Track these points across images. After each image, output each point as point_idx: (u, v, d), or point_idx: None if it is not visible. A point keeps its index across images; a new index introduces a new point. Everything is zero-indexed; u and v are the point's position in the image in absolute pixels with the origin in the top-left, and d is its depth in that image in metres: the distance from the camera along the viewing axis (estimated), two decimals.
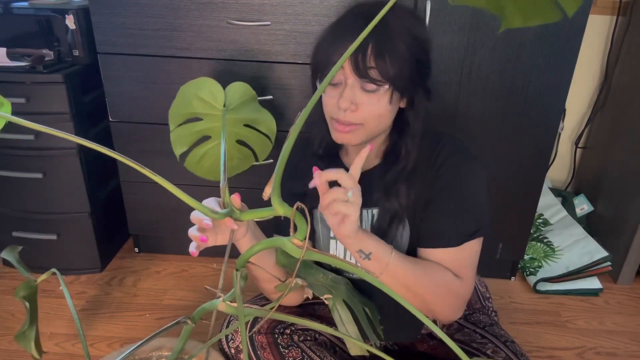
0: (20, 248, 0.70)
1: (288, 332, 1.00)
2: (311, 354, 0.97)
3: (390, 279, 0.81)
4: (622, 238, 1.70)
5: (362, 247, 0.78)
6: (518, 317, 1.58)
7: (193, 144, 1.09)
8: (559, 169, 2.10)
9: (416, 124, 0.87)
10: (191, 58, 1.45)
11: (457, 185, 0.88)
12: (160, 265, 1.78)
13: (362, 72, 0.78)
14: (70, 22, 1.46)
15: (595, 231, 1.83)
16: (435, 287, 0.85)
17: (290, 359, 0.96)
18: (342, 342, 1.07)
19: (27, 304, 0.65)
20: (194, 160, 1.04)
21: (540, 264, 1.73)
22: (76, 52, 1.50)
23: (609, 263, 1.67)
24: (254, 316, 0.68)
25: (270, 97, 1.46)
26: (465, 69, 1.40)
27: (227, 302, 0.67)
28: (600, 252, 1.68)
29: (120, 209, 1.70)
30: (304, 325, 1.01)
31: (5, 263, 1.74)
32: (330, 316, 0.81)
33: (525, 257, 1.76)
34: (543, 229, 1.85)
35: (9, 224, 1.63)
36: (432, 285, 0.84)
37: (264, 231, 0.91)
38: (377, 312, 0.88)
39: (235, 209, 0.67)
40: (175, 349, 0.69)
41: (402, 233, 0.92)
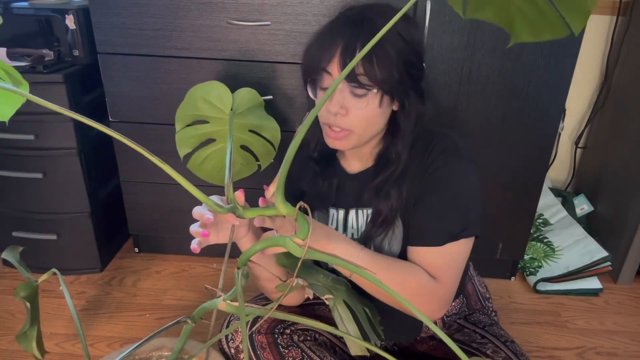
0: (21, 249, 0.70)
1: (288, 332, 1.00)
2: (311, 354, 0.97)
3: (359, 279, 0.82)
4: (622, 238, 1.70)
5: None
6: (518, 317, 1.58)
7: (197, 145, 1.10)
8: (559, 169, 2.10)
9: (407, 127, 0.87)
10: (191, 58, 1.45)
11: (444, 184, 0.87)
12: (160, 265, 1.78)
13: (351, 77, 0.79)
14: (70, 22, 1.46)
15: (595, 231, 1.83)
16: (408, 287, 0.83)
17: (290, 359, 0.96)
18: (342, 343, 1.07)
19: (28, 304, 0.65)
20: (197, 162, 1.05)
21: (540, 264, 1.73)
22: (76, 52, 1.50)
23: (609, 263, 1.67)
24: (255, 316, 0.68)
25: (270, 97, 1.46)
26: (465, 69, 1.40)
27: (227, 301, 0.67)
28: (600, 252, 1.68)
29: (120, 209, 1.70)
30: (305, 324, 1.01)
31: (6, 263, 1.74)
32: (331, 316, 0.81)
33: (525, 257, 1.76)
34: (543, 229, 1.85)
35: (9, 224, 1.63)
36: (405, 285, 0.83)
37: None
38: (377, 312, 0.88)
39: (239, 205, 0.67)
40: (175, 348, 0.69)
41: (395, 233, 0.92)
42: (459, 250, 0.86)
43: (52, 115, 1.46)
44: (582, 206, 1.93)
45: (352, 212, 0.97)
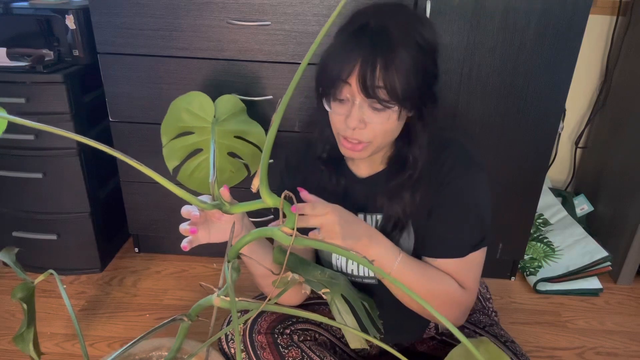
0: (17, 250, 0.70)
1: (288, 332, 1.00)
2: (311, 354, 0.97)
3: (390, 283, 0.82)
4: (622, 238, 1.70)
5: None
6: (518, 317, 1.58)
7: (185, 157, 1.11)
8: (559, 169, 2.10)
9: (424, 134, 0.86)
10: (191, 58, 1.45)
11: (463, 196, 0.88)
12: (160, 265, 1.78)
13: (370, 93, 0.77)
14: (70, 22, 1.46)
15: (595, 231, 1.83)
16: (438, 296, 0.85)
17: (290, 359, 0.96)
18: (343, 343, 1.07)
19: (25, 305, 0.65)
20: (186, 174, 1.06)
21: (540, 264, 1.73)
22: (76, 52, 1.50)
23: (609, 263, 1.67)
24: (253, 315, 0.68)
25: (270, 97, 1.46)
26: (465, 69, 1.40)
27: (221, 296, 0.67)
28: (600, 252, 1.68)
29: (120, 209, 1.70)
30: (305, 320, 1.01)
31: (5, 263, 1.74)
32: (331, 316, 0.81)
33: (525, 257, 1.76)
34: (543, 229, 1.85)
35: (9, 224, 1.63)
36: (435, 293, 0.85)
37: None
38: (380, 313, 0.88)
39: (225, 201, 0.68)
40: (173, 347, 0.69)
41: (406, 240, 0.92)
42: (478, 258, 0.89)
43: (52, 115, 1.46)
44: (582, 206, 1.93)
45: (361, 216, 0.96)
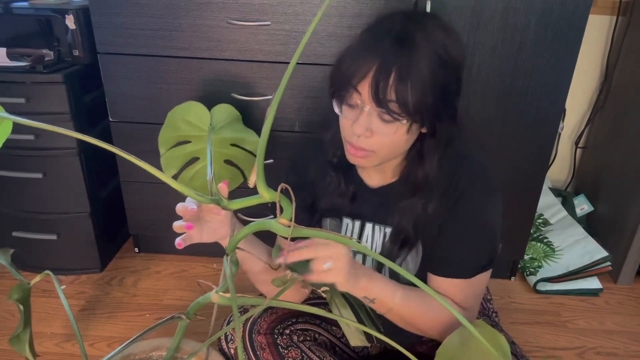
0: (12, 250, 0.70)
1: (287, 332, 1.00)
2: (311, 355, 0.97)
3: (393, 316, 0.83)
4: (622, 238, 1.70)
5: (366, 294, 0.78)
6: (518, 317, 1.58)
7: (183, 165, 1.12)
8: (559, 169, 2.10)
9: (436, 152, 0.83)
10: (191, 58, 1.45)
11: (479, 217, 0.86)
12: (160, 265, 1.78)
13: (381, 103, 0.73)
14: (70, 22, 1.46)
15: (595, 231, 1.83)
16: (440, 323, 0.84)
17: (289, 359, 0.96)
18: (342, 342, 1.07)
19: (21, 306, 0.65)
20: (184, 182, 1.07)
21: (540, 264, 1.73)
22: (76, 52, 1.50)
23: (609, 263, 1.67)
24: (255, 312, 0.68)
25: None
26: (465, 69, 1.40)
27: (220, 293, 0.67)
28: (600, 252, 1.67)
29: (120, 209, 1.70)
30: (308, 311, 1.00)
31: None
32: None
33: (525, 257, 1.76)
34: (543, 229, 1.85)
35: (9, 224, 1.63)
36: (435, 322, 0.84)
37: (265, 242, 0.91)
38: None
39: (223, 197, 0.68)
40: (171, 345, 0.69)
41: (413, 255, 0.91)
42: (484, 279, 0.88)
43: (52, 115, 1.46)
44: (582, 206, 1.93)
45: (369, 226, 0.95)
